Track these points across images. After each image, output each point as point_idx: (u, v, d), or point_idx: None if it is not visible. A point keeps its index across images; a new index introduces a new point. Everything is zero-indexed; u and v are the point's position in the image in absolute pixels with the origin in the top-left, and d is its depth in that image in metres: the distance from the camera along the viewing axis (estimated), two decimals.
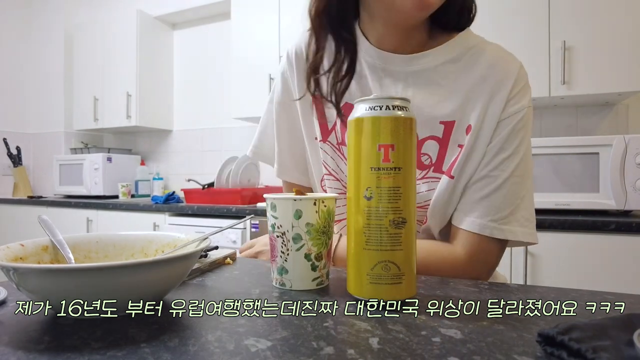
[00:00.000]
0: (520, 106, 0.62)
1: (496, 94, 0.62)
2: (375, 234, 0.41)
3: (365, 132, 0.41)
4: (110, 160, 2.97)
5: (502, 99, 0.62)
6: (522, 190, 0.62)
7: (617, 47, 1.74)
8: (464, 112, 0.63)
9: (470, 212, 0.63)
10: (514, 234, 0.61)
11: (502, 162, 0.61)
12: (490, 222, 0.61)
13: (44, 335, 0.34)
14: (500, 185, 0.61)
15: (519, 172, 0.62)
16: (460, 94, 0.63)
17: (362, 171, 0.42)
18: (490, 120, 0.62)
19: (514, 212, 0.61)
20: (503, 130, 0.62)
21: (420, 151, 0.65)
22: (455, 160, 0.63)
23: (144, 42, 2.98)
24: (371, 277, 0.41)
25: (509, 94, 0.62)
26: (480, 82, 0.63)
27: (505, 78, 0.62)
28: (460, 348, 0.32)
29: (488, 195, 0.62)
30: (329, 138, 0.70)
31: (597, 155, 1.61)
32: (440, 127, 0.64)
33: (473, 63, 0.64)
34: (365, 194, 0.41)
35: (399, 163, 0.41)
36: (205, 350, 0.31)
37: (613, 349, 0.27)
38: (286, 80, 0.75)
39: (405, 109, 0.42)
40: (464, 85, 0.63)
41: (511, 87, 0.62)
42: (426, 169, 0.65)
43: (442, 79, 0.64)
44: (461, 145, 0.63)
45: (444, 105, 0.64)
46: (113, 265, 0.35)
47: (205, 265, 0.57)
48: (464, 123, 0.63)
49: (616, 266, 1.47)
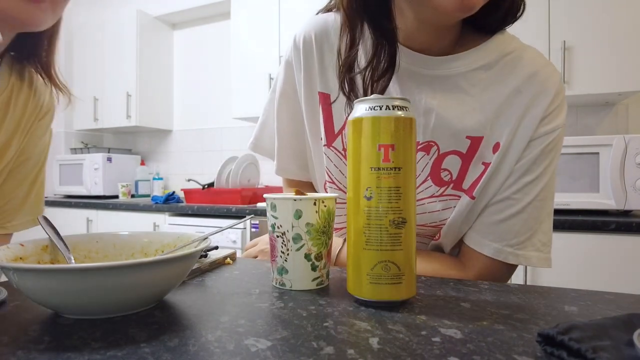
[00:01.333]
0: (555, 125, 0.57)
1: (531, 109, 0.56)
2: (375, 234, 0.41)
3: (365, 132, 0.41)
4: (110, 160, 2.97)
5: (537, 116, 0.56)
6: (542, 214, 0.58)
7: (617, 47, 1.74)
8: (494, 127, 0.57)
9: (487, 234, 0.59)
10: (528, 260, 0.58)
11: (526, 185, 0.57)
12: (506, 246, 0.58)
13: (44, 335, 0.34)
14: (521, 209, 0.57)
15: (543, 195, 0.58)
16: (492, 106, 0.57)
17: (362, 171, 0.42)
18: (521, 139, 0.56)
19: (532, 237, 0.58)
20: (533, 150, 0.57)
21: (441, 167, 0.60)
22: (479, 180, 0.58)
23: (144, 42, 2.98)
24: (371, 277, 0.41)
25: (545, 111, 0.56)
26: (515, 95, 0.56)
27: (543, 93, 0.56)
28: (460, 348, 0.32)
29: (507, 219, 0.58)
30: (333, 143, 0.65)
31: (597, 155, 1.61)
32: (466, 142, 0.58)
33: (508, 72, 0.57)
34: (365, 194, 0.41)
35: (399, 163, 0.41)
36: (205, 350, 0.31)
37: (613, 349, 0.27)
38: (291, 68, 0.68)
39: (405, 109, 0.42)
40: (496, 97, 0.57)
41: (548, 103, 0.56)
42: (445, 186, 0.60)
43: (471, 87, 0.58)
44: (486, 164, 0.58)
45: (472, 117, 0.57)
46: (113, 265, 0.35)
47: (205, 265, 0.57)
48: (492, 140, 0.57)
49: (616, 266, 1.47)
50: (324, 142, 0.66)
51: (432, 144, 0.59)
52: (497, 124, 0.57)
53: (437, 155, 0.59)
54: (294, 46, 0.67)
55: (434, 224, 0.62)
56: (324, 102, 0.65)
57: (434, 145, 0.59)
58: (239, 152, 2.62)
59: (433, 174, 0.60)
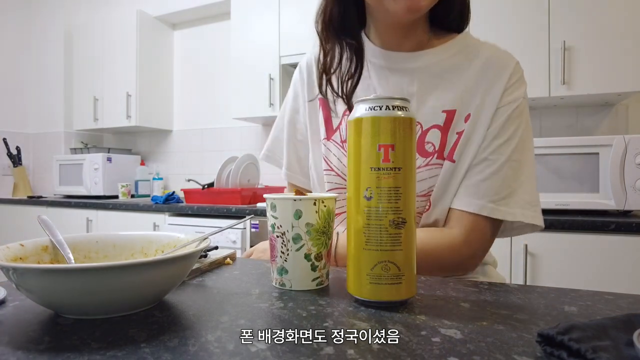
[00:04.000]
0: (516, 96, 0.67)
1: (494, 84, 0.67)
2: (375, 234, 0.41)
3: (365, 132, 0.42)
4: (110, 160, 2.97)
5: (499, 89, 0.66)
6: (520, 175, 0.65)
7: (617, 47, 1.74)
8: (463, 101, 0.67)
9: (469, 194, 0.65)
10: (512, 215, 0.63)
11: (499, 146, 0.65)
12: (488, 202, 0.64)
13: (44, 336, 0.34)
14: (498, 168, 0.64)
15: (516, 156, 0.65)
16: (461, 85, 0.68)
17: (362, 171, 0.42)
18: (488, 108, 0.66)
19: (513, 195, 0.64)
20: (500, 117, 0.66)
21: (425, 140, 0.68)
22: (456, 145, 0.66)
23: (144, 42, 2.98)
24: (371, 277, 0.41)
25: (506, 84, 0.66)
26: (480, 74, 0.68)
27: (503, 70, 0.67)
28: (460, 348, 0.32)
29: (486, 179, 0.65)
30: (333, 137, 0.75)
31: (597, 155, 1.61)
32: (442, 115, 0.68)
33: (472, 58, 0.69)
34: (365, 194, 0.41)
35: (399, 163, 0.41)
36: (205, 351, 0.31)
37: (613, 349, 0.27)
38: (297, 90, 0.83)
39: (405, 109, 0.42)
40: (464, 77, 0.68)
41: (508, 78, 0.67)
42: (430, 157, 0.68)
43: (444, 73, 0.69)
44: (459, 132, 0.67)
45: (446, 95, 0.68)
46: (113, 266, 0.35)
47: (205, 266, 0.57)
48: (463, 111, 0.67)
49: (616, 266, 1.47)
50: (324, 137, 0.76)
51: (417, 124, 0.67)
52: (466, 98, 0.68)
53: (421, 132, 0.68)
54: (299, 71, 0.83)
55: (422, 192, 0.68)
56: (324, 105, 0.77)
57: (417, 124, 0.68)
58: (239, 152, 2.62)
59: (419, 148, 0.68)
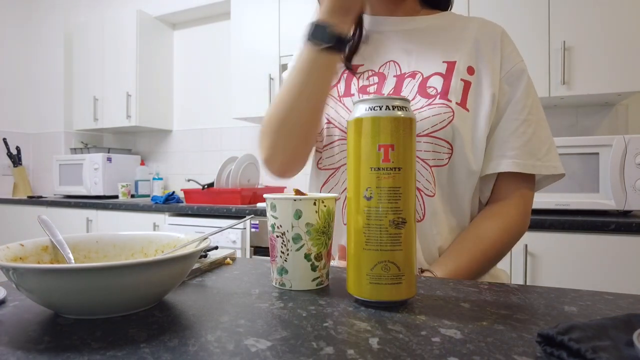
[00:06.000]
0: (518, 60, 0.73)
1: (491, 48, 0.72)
2: (375, 234, 0.41)
3: (365, 132, 0.42)
4: (110, 160, 2.97)
5: (497, 52, 0.72)
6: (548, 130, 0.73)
7: (617, 47, 1.74)
8: (462, 55, 0.72)
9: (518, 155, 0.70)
10: (555, 169, 0.72)
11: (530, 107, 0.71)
12: (536, 161, 0.70)
13: (44, 335, 0.34)
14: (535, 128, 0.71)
15: (541, 115, 0.73)
16: (456, 44, 0.74)
17: (362, 171, 0.42)
18: (489, 70, 0.71)
19: (551, 150, 0.72)
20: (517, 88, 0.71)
21: (426, 85, 0.71)
22: (467, 94, 0.70)
23: (144, 42, 2.98)
24: (371, 277, 0.41)
25: (502, 50, 0.73)
26: (474, 37, 0.73)
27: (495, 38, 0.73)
28: (460, 348, 0.32)
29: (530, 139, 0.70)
30: (331, 92, 0.77)
31: (597, 155, 1.61)
32: (443, 65, 0.72)
33: (462, 28, 0.75)
34: (365, 194, 0.42)
35: (399, 163, 0.41)
36: (205, 351, 0.31)
37: (613, 349, 0.27)
38: None
39: (405, 109, 0.42)
40: (459, 37, 0.74)
41: (501, 43, 0.73)
42: (432, 98, 0.70)
43: (439, 33, 0.76)
44: (464, 80, 0.70)
45: (444, 49, 0.73)
46: (113, 266, 0.35)
47: (205, 266, 0.57)
48: (463, 63, 0.72)
49: (616, 266, 1.47)
50: None
51: (417, 72, 0.73)
52: (464, 53, 0.73)
53: (422, 78, 0.72)
54: None
55: (424, 132, 0.69)
56: None
57: (418, 73, 0.73)
58: (239, 152, 2.62)
59: (420, 91, 0.71)
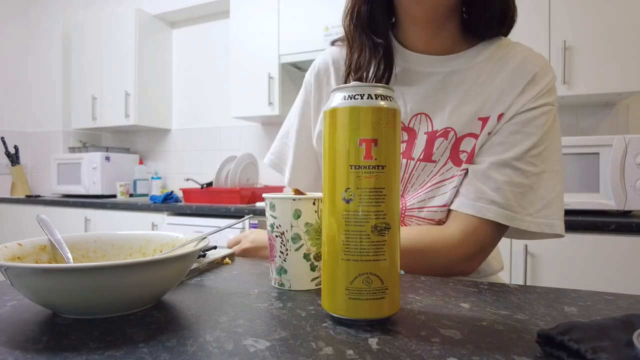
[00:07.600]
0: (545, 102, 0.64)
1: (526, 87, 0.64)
2: (354, 242, 0.35)
3: (342, 124, 0.36)
4: (109, 159, 2.97)
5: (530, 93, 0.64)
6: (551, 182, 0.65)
7: (617, 47, 1.74)
8: (496, 104, 0.65)
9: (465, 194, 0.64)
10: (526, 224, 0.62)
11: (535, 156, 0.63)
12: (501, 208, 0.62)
13: (42, 335, 0.34)
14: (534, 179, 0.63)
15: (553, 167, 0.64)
16: (495, 90, 0.65)
17: (339, 170, 0.36)
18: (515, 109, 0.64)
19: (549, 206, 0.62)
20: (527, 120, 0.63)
21: (459, 149, 0.66)
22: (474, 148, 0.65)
23: (143, 40, 2.98)
24: (350, 292, 0.36)
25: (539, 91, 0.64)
26: (512, 77, 0.65)
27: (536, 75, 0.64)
28: (459, 348, 0.32)
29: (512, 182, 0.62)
30: None
31: (597, 155, 1.61)
32: (478, 123, 0.65)
33: (506, 62, 0.66)
34: (344, 196, 0.36)
35: (383, 161, 0.35)
36: (204, 351, 0.31)
37: (613, 350, 0.27)
38: (308, 92, 0.79)
39: (389, 98, 0.36)
40: (498, 82, 0.66)
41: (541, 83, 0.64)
42: (461, 164, 0.66)
43: (477, 78, 0.67)
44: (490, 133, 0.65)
45: (481, 102, 0.66)
46: (111, 265, 0.34)
47: (203, 265, 0.57)
48: (496, 113, 0.65)
49: (616, 266, 1.47)
50: None
51: (450, 130, 0.66)
52: (499, 101, 0.65)
53: (455, 139, 0.66)
54: (312, 70, 0.79)
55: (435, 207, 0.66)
56: None
57: (451, 131, 0.66)
58: (238, 151, 2.62)
59: (453, 156, 0.66)
